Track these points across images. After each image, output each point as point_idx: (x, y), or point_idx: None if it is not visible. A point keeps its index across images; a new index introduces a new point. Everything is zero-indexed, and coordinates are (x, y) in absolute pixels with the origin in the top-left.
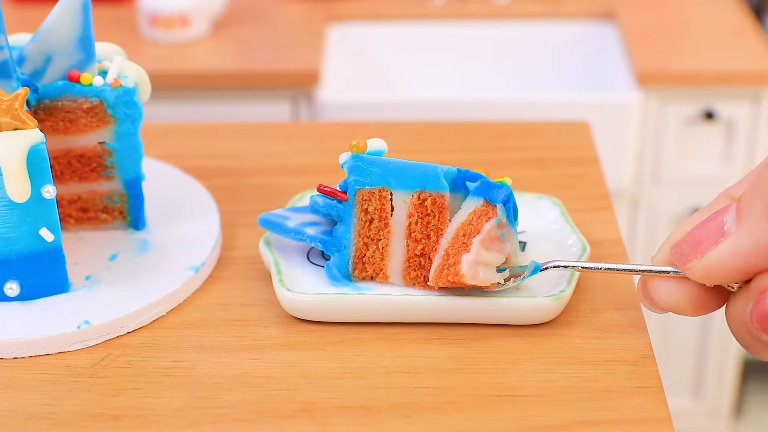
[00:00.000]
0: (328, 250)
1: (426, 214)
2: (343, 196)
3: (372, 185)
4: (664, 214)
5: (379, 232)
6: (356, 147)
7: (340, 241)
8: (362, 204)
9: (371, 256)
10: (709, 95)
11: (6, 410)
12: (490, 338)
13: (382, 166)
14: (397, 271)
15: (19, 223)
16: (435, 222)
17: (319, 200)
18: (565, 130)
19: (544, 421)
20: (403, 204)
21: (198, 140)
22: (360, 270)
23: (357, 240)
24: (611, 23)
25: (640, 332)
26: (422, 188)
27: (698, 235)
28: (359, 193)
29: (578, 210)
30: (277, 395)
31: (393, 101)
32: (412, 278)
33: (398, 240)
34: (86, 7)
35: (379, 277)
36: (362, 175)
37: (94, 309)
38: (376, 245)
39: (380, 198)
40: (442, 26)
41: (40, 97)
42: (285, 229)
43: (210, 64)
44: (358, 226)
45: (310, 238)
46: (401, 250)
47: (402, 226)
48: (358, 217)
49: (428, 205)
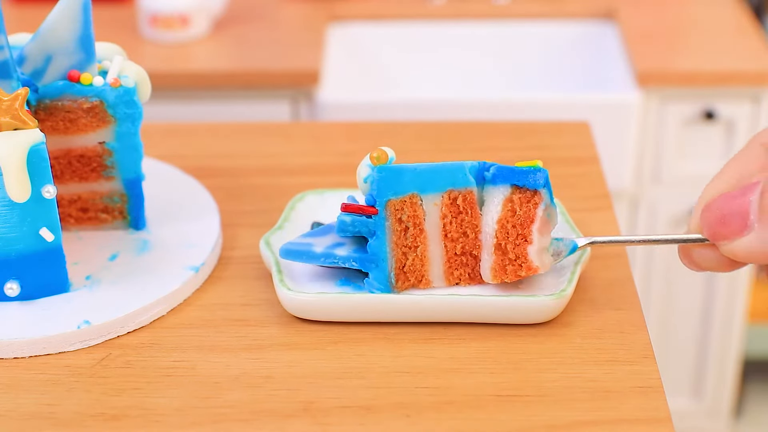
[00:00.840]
0: (365, 267)
1: (459, 213)
2: (372, 211)
3: (402, 193)
4: (664, 213)
5: (416, 239)
6: (379, 159)
7: (378, 256)
8: (395, 214)
9: (411, 264)
10: (709, 95)
11: (6, 410)
12: (490, 338)
13: (410, 173)
14: (439, 273)
15: (20, 223)
16: (469, 219)
17: (347, 219)
18: (565, 130)
19: (544, 421)
20: (434, 207)
21: (198, 140)
22: (403, 281)
23: (395, 251)
24: (611, 23)
25: (640, 332)
26: (451, 187)
27: (725, 212)
28: (390, 203)
29: (578, 210)
30: (277, 395)
31: (393, 101)
32: (456, 277)
33: (435, 243)
34: (86, 7)
35: (422, 283)
36: (391, 185)
37: (94, 309)
38: (415, 253)
39: (412, 205)
40: (442, 26)
41: (40, 97)
42: (314, 256)
43: (210, 64)
44: (394, 236)
45: (343, 259)
46: (440, 252)
47: (437, 229)
48: (393, 228)
49: (459, 203)
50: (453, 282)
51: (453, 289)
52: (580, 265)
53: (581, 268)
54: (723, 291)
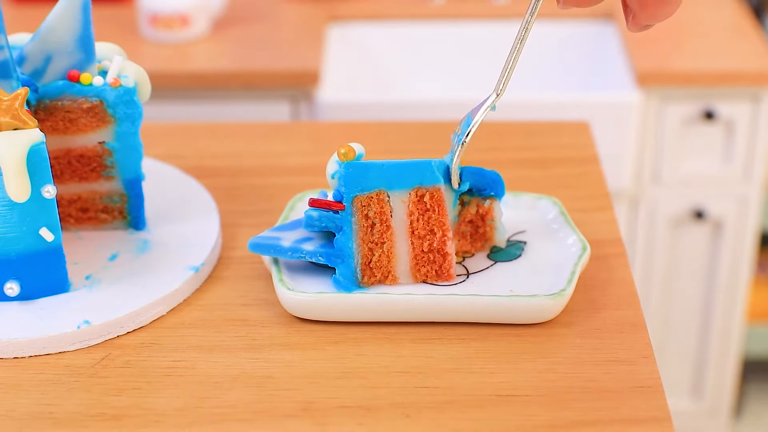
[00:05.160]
0: (332, 262)
1: (426, 210)
2: (339, 206)
3: (369, 190)
4: (664, 213)
5: (383, 236)
6: (346, 155)
7: (344, 251)
8: (362, 210)
9: (377, 260)
10: (709, 95)
11: (6, 410)
12: (490, 338)
13: (377, 169)
14: (405, 270)
15: (19, 223)
16: (436, 216)
17: (314, 214)
18: (565, 130)
19: (544, 421)
20: (401, 203)
21: (198, 140)
22: (369, 276)
23: (361, 247)
24: (611, 23)
25: (640, 332)
26: (419, 184)
27: None
28: (357, 199)
29: (578, 210)
30: (277, 395)
31: (393, 101)
32: (422, 274)
33: (402, 240)
34: (86, 7)
35: (388, 279)
36: (358, 181)
37: (94, 309)
38: (382, 249)
39: (378, 201)
40: (442, 26)
41: (40, 97)
42: (280, 250)
43: (210, 64)
44: (361, 232)
45: (310, 253)
46: (407, 249)
47: (404, 226)
48: (360, 224)
49: (427, 201)
50: (419, 279)
51: (453, 288)
52: (579, 265)
53: (581, 268)
54: (723, 291)
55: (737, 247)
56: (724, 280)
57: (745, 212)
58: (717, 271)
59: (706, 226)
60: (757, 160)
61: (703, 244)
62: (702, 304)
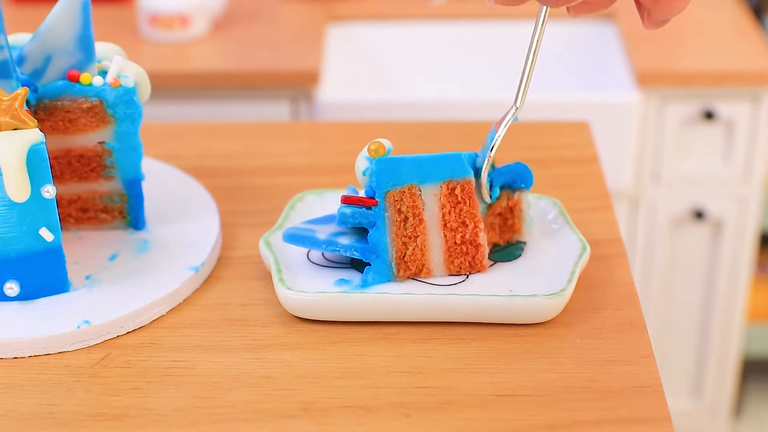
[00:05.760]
0: (367, 257)
1: (457, 202)
2: (371, 202)
3: (401, 184)
4: (664, 213)
5: (416, 229)
6: (377, 151)
7: (378, 246)
8: (395, 205)
9: (411, 254)
10: (708, 95)
11: (6, 410)
12: (490, 338)
13: (408, 163)
14: (439, 263)
15: (19, 223)
16: (467, 208)
17: (347, 211)
18: (565, 130)
19: (544, 421)
20: (433, 197)
21: (198, 140)
22: (403, 270)
23: (395, 241)
24: (611, 23)
25: (639, 332)
26: (449, 177)
27: None
28: (390, 194)
29: (578, 210)
30: (277, 395)
31: (393, 101)
32: (456, 266)
33: (435, 233)
34: (86, 7)
35: (422, 272)
36: (390, 176)
37: (94, 309)
38: (415, 242)
39: (411, 195)
40: (442, 26)
41: (40, 96)
42: (316, 242)
43: (210, 64)
44: (394, 227)
45: (345, 247)
46: (440, 242)
47: (436, 219)
48: (392, 219)
49: (458, 193)
50: (453, 271)
51: (453, 288)
52: (579, 265)
53: (581, 268)
54: (723, 291)
55: (737, 247)
56: (723, 280)
57: (745, 212)
58: (717, 271)
59: (706, 226)
60: (757, 160)
61: (703, 244)
62: (702, 303)
